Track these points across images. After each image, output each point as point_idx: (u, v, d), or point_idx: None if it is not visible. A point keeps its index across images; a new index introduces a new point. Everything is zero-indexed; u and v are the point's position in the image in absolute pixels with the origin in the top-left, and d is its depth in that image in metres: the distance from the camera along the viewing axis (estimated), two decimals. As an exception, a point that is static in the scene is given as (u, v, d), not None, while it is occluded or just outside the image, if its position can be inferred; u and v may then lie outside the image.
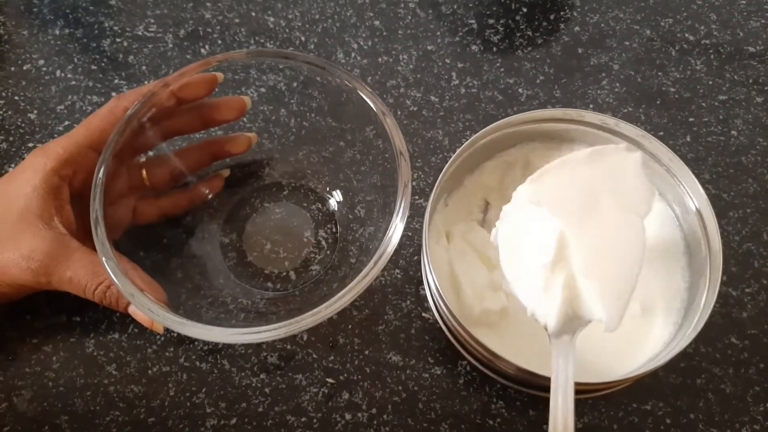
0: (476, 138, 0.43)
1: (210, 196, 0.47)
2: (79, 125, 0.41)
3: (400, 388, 0.43)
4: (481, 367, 0.40)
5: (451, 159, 0.41)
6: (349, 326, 0.45)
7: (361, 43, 0.56)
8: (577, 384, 0.35)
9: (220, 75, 0.42)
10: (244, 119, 0.46)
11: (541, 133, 0.45)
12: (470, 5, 0.58)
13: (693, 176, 0.41)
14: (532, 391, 0.40)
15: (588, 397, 0.42)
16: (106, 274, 0.36)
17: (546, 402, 0.34)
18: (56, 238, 0.38)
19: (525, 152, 0.46)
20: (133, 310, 0.39)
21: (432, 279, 0.39)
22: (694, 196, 0.42)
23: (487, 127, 0.43)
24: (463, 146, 0.42)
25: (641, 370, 0.38)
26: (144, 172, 0.43)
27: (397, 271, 0.46)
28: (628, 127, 0.43)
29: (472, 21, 0.57)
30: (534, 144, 0.46)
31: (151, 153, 0.43)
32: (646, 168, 0.39)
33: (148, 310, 0.36)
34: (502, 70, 0.55)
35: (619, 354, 0.41)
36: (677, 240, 0.43)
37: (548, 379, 0.35)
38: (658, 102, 0.53)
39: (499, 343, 0.38)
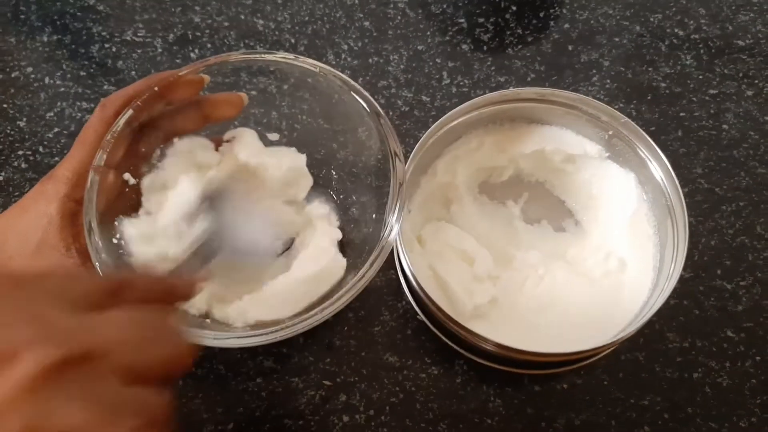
0: (424, 139, 0.43)
1: None
2: (74, 144, 0.38)
3: (397, 388, 0.43)
4: (483, 361, 0.40)
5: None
6: (345, 328, 0.45)
7: (352, 44, 0.55)
8: (577, 353, 0.38)
9: (206, 77, 0.41)
10: (236, 122, 0.46)
11: (484, 119, 0.46)
12: (460, 4, 0.58)
13: (633, 123, 0.44)
14: (539, 371, 0.41)
15: (594, 360, 0.41)
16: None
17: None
18: (74, 268, 0.37)
19: (470, 141, 0.47)
20: None
21: (418, 287, 0.39)
22: (641, 145, 0.43)
23: (432, 127, 0.44)
24: (414, 150, 0.42)
25: (639, 322, 0.38)
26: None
27: (392, 271, 0.46)
28: (565, 93, 0.45)
29: (462, 20, 0.57)
30: (477, 131, 0.47)
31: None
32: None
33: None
34: (493, 68, 0.55)
35: (607, 312, 0.42)
36: (632, 188, 0.45)
37: (557, 355, 0.37)
38: (649, 97, 0.53)
39: (499, 330, 0.38)
